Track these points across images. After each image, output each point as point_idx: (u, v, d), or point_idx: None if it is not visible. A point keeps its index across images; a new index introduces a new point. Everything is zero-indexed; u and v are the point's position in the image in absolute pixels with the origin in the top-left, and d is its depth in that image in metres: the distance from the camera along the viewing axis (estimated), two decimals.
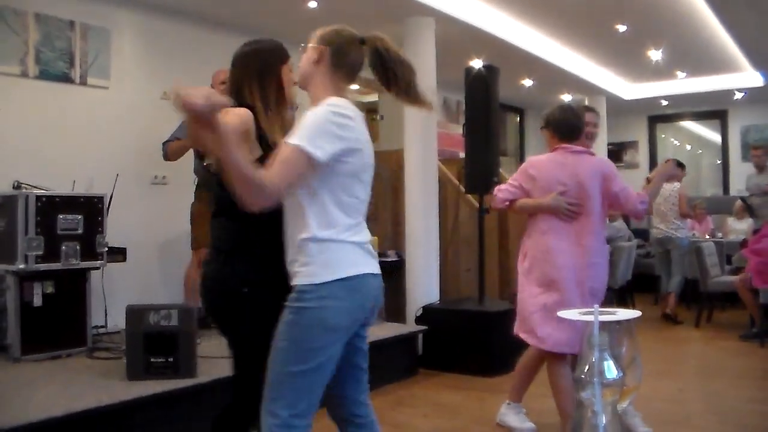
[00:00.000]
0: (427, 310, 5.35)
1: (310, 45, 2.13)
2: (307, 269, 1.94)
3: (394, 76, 2.10)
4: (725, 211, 9.34)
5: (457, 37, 6.12)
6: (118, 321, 4.31)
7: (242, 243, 2.16)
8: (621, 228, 7.89)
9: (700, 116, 11.21)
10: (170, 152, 4.61)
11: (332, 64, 2.08)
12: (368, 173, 2.07)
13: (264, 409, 1.97)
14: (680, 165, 7.31)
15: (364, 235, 2.05)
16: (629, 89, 9.76)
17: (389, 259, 5.87)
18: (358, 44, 2.13)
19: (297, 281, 1.97)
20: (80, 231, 4.16)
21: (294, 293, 1.96)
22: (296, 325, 1.94)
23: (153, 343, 3.48)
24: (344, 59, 2.10)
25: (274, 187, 1.81)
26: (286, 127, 2.10)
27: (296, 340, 1.93)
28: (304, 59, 2.12)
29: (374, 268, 2.05)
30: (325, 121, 1.91)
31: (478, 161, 5.30)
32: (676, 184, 7.29)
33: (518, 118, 11.17)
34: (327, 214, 1.95)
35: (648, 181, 3.67)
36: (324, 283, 1.92)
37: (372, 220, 6.97)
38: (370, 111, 9.66)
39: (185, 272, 4.54)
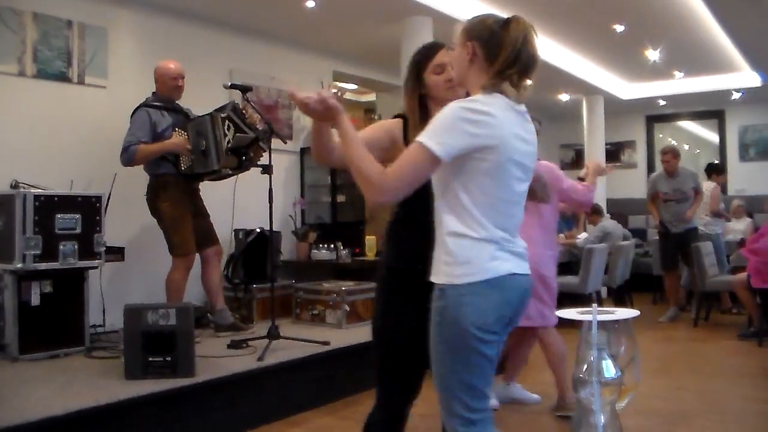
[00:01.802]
0: None
1: (458, 43, 2.00)
2: (448, 269, 1.89)
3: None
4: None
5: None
6: (116, 320, 4.31)
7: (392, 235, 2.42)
8: (610, 227, 7.88)
9: (697, 116, 11.22)
10: (139, 158, 4.34)
11: (485, 58, 1.94)
12: (513, 170, 1.89)
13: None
14: (717, 169, 8.09)
15: (508, 234, 1.93)
16: (627, 89, 9.76)
17: None
18: (507, 29, 1.97)
19: (438, 280, 1.91)
20: (78, 230, 4.16)
21: (436, 291, 1.91)
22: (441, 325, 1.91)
23: (151, 342, 3.47)
24: (498, 50, 1.93)
25: (390, 184, 1.82)
26: None
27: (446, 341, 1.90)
28: (455, 60, 2.03)
29: (518, 267, 1.93)
30: (453, 118, 1.83)
31: None
32: (713, 183, 7.77)
33: None
34: (465, 213, 1.88)
35: (581, 179, 4.16)
36: (463, 284, 1.86)
37: (370, 221, 7.00)
38: (368, 111, 9.67)
39: (169, 277, 4.47)
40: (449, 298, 1.86)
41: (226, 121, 4.39)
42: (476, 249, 1.87)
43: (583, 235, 7.83)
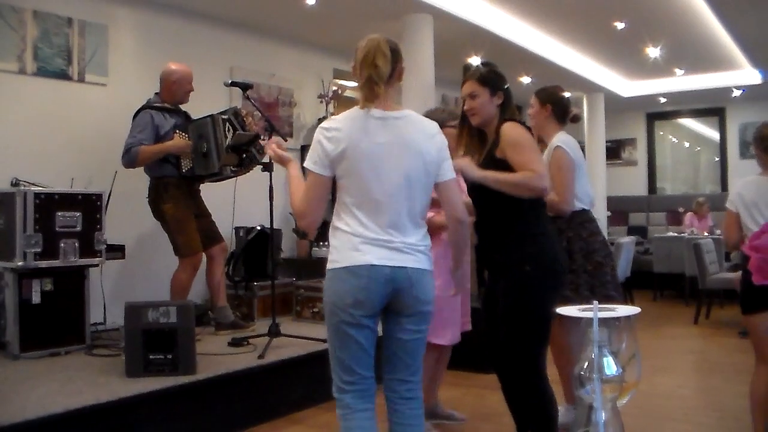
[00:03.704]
0: None
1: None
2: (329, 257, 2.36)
3: None
4: (724, 208, 9.30)
5: (456, 34, 6.12)
6: (116, 318, 4.30)
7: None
8: None
9: (698, 113, 11.22)
10: (141, 159, 4.30)
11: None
12: (366, 172, 2.35)
13: None
14: None
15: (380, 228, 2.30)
16: (627, 86, 9.76)
17: None
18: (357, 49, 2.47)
19: None
20: (79, 228, 4.16)
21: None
22: None
23: (152, 340, 3.48)
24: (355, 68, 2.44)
25: (301, 211, 2.36)
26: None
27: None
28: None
29: (383, 259, 2.25)
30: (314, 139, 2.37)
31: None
32: None
33: None
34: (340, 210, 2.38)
35: None
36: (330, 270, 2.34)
37: None
38: None
39: (175, 277, 4.49)
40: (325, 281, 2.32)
41: (227, 124, 4.39)
42: (341, 240, 2.27)
43: None
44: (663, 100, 10.40)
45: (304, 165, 2.30)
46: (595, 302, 1.35)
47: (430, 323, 2.39)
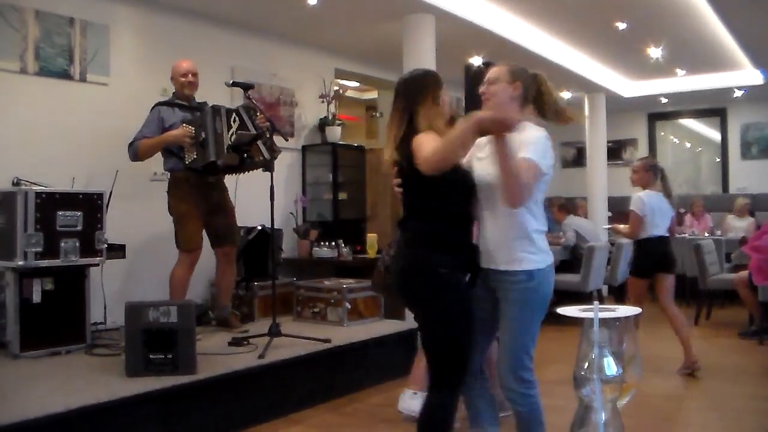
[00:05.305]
0: None
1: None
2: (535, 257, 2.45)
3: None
4: (724, 209, 9.34)
5: (457, 34, 6.11)
6: (117, 318, 4.31)
7: (438, 236, 2.50)
8: (584, 225, 7.86)
9: (699, 114, 11.20)
10: (142, 152, 4.40)
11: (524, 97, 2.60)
12: None
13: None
14: None
15: None
16: (629, 87, 9.75)
17: (389, 257, 5.86)
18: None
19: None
20: (79, 227, 4.16)
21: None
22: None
23: (152, 339, 3.47)
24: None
25: (530, 186, 2.38)
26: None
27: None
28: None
29: None
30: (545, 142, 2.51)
31: None
32: None
33: None
34: (536, 214, 2.52)
35: None
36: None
37: (371, 218, 6.99)
38: (369, 108, 9.68)
39: (172, 272, 4.50)
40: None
41: (233, 114, 4.43)
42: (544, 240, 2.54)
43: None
44: (664, 100, 10.39)
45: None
46: (596, 302, 1.35)
47: None
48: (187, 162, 4.43)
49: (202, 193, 4.53)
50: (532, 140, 2.40)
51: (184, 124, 4.44)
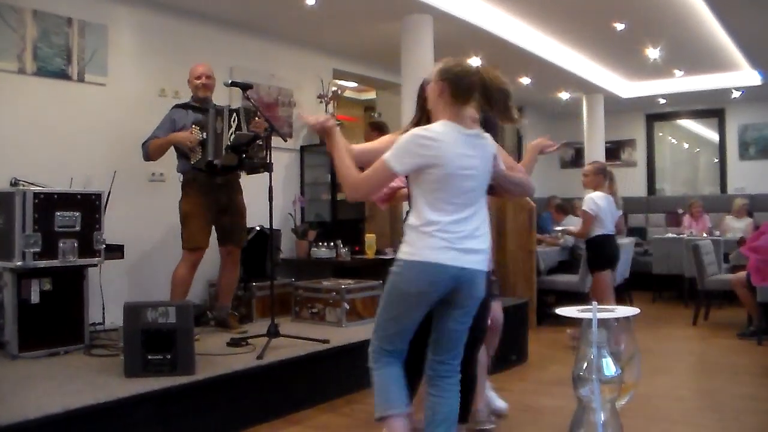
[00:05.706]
0: None
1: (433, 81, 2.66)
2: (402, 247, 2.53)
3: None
4: (723, 209, 9.36)
5: (455, 34, 6.12)
6: (115, 318, 4.30)
7: None
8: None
9: (697, 115, 11.22)
10: (151, 151, 4.52)
11: (451, 95, 2.63)
12: (455, 181, 2.45)
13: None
14: None
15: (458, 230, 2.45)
16: (627, 87, 9.76)
17: (387, 257, 5.86)
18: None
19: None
20: (78, 228, 4.15)
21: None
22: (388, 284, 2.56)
23: (150, 340, 3.47)
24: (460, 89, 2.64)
25: (358, 186, 2.51)
26: None
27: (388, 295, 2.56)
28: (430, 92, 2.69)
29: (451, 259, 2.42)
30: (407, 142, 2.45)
31: None
32: None
33: None
34: (418, 210, 2.49)
35: None
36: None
37: (369, 219, 6.98)
38: (368, 108, 9.67)
39: (175, 271, 4.50)
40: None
41: (234, 114, 4.51)
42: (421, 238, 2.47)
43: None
44: (662, 101, 10.41)
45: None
46: (594, 303, 1.35)
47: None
48: (192, 162, 4.50)
49: (211, 194, 4.55)
50: (397, 142, 2.50)
51: (194, 126, 4.49)
